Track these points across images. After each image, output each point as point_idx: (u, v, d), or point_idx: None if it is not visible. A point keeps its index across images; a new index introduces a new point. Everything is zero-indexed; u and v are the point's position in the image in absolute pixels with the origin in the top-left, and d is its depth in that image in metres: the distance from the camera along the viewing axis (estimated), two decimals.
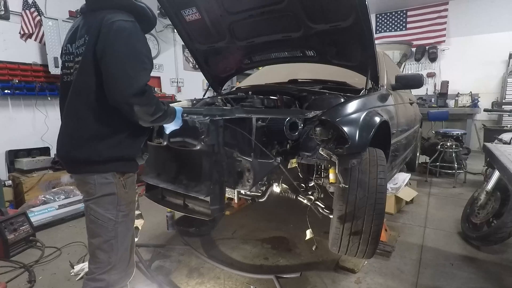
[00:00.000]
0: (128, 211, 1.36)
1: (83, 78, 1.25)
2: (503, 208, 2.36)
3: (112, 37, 1.18)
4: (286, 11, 2.16)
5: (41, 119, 4.16)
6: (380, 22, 7.61)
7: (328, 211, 1.89)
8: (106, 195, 1.29)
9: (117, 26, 1.19)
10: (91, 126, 1.25)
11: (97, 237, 1.32)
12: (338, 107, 1.84)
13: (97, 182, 1.27)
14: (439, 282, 2.07)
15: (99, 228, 1.31)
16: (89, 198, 1.31)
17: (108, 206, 1.30)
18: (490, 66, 6.52)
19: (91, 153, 1.25)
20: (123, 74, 1.17)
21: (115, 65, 1.17)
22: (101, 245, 1.31)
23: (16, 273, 2.24)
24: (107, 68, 1.18)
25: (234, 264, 2.30)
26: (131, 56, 1.19)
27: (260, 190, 2.03)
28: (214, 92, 3.24)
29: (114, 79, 1.17)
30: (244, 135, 1.71)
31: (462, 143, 4.52)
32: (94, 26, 1.22)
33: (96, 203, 1.30)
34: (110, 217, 1.30)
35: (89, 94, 1.24)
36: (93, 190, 1.29)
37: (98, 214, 1.30)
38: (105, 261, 1.31)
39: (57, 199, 3.32)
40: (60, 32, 4.02)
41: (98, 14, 1.24)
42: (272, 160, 1.67)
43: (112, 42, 1.18)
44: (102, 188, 1.28)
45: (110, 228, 1.31)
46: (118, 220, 1.32)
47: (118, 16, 1.21)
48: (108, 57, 1.18)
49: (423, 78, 2.81)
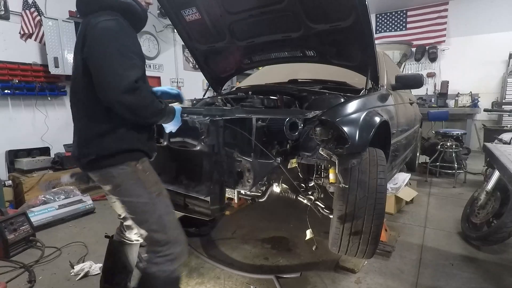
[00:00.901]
0: (159, 190, 1.38)
1: (76, 83, 1.29)
2: (503, 208, 2.36)
3: (97, 38, 1.19)
4: (286, 11, 2.16)
5: (41, 119, 4.16)
6: (380, 22, 7.61)
7: (328, 211, 1.89)
8: (130, 183, 1.30)
9: (100, 27, 1.19)
10: (91, 125, 1.27)
11: (145, 223, 1.33)
12: (338, 107, 1.84)
13: (115, 173, 1.29)
14: (439, 282, 2.07)
15: (142, 215, 1.33)
16: (117, 191, 1.32)
17: (138, 192, 1.31)
18: (490, 66, 6.52)
19: (98, 150, 1.27)
20: (111, 73, 1.16)
21: (102, 64, 1.17)
22: (152, 228, 1.33)
23: (16, 273, 2.24)
24: (95, 69, 1.19)
25: (234, 264, 2.30)
26: (117, 53, 1.18)
27: (260, 190, 2.03)
28: (214, 92, 3.24)
29: (103, 78, 1.17)
30: (244, 135, 1.71)
31: (462, 143, 4.51)
32: (81, 31, 1.25)
33: (126, 195, 1.31)
34: (146, 200, 1.32)
35: (83, 96, 1.27)
36: (117, 181, 1.30)
37: (134, 203, 1.32)
38: (164, 239, 1.34)
39: (57, 199, 3.32)
40: (60, 32, 4.02)
41: (86, 19, 1.26)
42: (272, 160, 1.67)
43: (97, 42, 1.19)
44: (123, 177, 1.29)
45: (151, 210, 1.32)
46: (154, 201, 1.33)
47: (101, 17, 1.22)
48: (95, 58, 1.19)
49: (423, 78, 2.81)
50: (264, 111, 1.92)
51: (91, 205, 3.46)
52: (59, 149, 4.07)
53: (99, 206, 3.63)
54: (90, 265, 2.25)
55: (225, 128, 1.70)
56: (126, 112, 1.21)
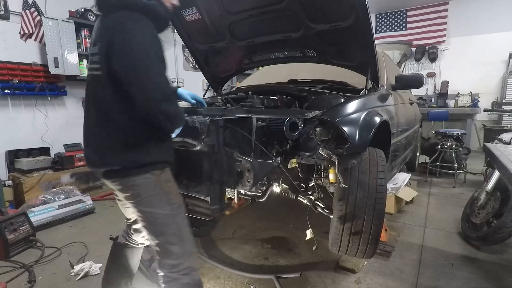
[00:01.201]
0: (179, 202, 1.36)
1: (99, 88, 1.22)
2: (503, 208, 2.36)
3: (128, 45, 1.13)
4: (286, 11, 2.16)
5: (41, 119, 4.16)
6: (380, 22, 7.61)
7: (328, 211, 1.89)
8: (154, 194, 1.28)
9: (131, 32, 1.13)
10: (118, 135, 1.22)
11: (162, 235, 1.31)
12: (338, 107, 1.84)
13: (139, 182, 1.25)
14: (439, 282, 2.07)
15: (162, 226, 1.30)
16: (137, 200, 1.28)
17: (161, 203, 1.29)
18: (490, 66, 6.52)
19: (124, 161, 1.23)
20: (149, 83, 1.13)
21: (138, 75, 1.13)
22: (170, 240, 1.31)
23: (16, 273, 2.24)
24: (130, 79, 1.14)
25: (234, 264, 2.30)
26: (151, 60, 1.15)
27: (260, 190, 2.03)
28: (214, 92, 3.24)
29: (142, 90, 1.13)
30: (244, 135, 1.71)
31: (462, 143, 4.51)
32: (104, 34, 1.19)
33: (149, 205, 1.28)
34: (168, 212, 1.30)
35: (108, 105, 1.21)
36: (138, 191, 1.26)
37: (156, 214, 1.28)
38: (180, 252, 1.32)
39: (57, 199, 3.32)
40: (60, 32, 4.02)
41: (108, 19, 1.19)
42: (272, 160, 1.67)
43: (129, 51, 1.13)
44: (146, 187, 1.26)
45: (171, 222, 1.31)
46: (174, 213, 1.32)
47: (129, 20, 1.15)
48: (129, 67, 1.13)
49: (423, 78, 2.81)
50: (264, 111, 1.92)
51: (91, 205, 3.46)
52: (59, 149, 4.07)
53: (99, 206, 3.63)
54: (90, 265, 2.25)
55: (225, 128, 1.70)
56: (166, 122, 1.20)
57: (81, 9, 4.35)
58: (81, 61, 4.34)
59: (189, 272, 1.33)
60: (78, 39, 4.29)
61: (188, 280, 1.32)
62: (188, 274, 1.33)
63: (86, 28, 4.39)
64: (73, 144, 4.11)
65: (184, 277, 1.32)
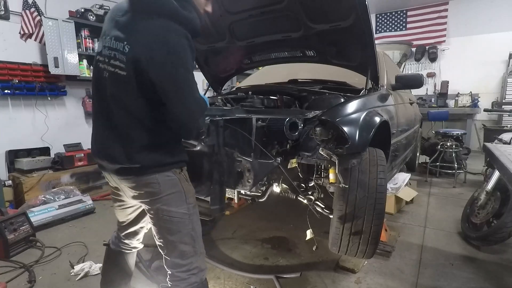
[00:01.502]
0: (195, 202, 1.37)
1: (125, 91, 1.17)
2: (503, 208, 2.36)
3: (170, 62, 1.10)
4: (286, 11, 2.16)
5: (41, 119, 4.16)
6: (380, 22, 7.60)
7: (328, 211, 1.89)
8: (173, 192, 1.28)
9: (173, 49, 1.10)
10: (143, 136, 1.20)
11: (176, 233, 1.31)
12: (338, 107, 1.84)
13: (160, 180, 1.25)
14: (439, 282, 2.07)
15: (177, 225, 1.30)
16: (155, 198, 1.27)
17: (178, 202, 1.29)
18: (490, 66, 6.52)
19: (148, 161, 1.22)
20: (190, 99, 1.16)
21: (181, 91, 1.14)
22: (183, 239, 1.31)
23: (16, 273, 2.24)
24: (170, 96, 1.14)
25: (234, 264, 2.30)
26: (192, 78, 1.16)
27: (260, 190, 2.03)
28: (214, 92, 3.24)
29: (182, 106, 1.16)
30: (244, 135, 1.71)
31: (462, 143, 4.52)
32: (140, 39, 1.12)
33: (167, 203, 1.27)
34: (184, 211, 1.30)
35: (136, 109, 1.18)
36: (158, 189, 1.25)
37: (172, 212, 1.28)
38: (191, 251, 1.33)
39: (57, 199, 3.32)
40: (60, 32, 4.01)
41: (146, 25, 1.13)
42: (272, 160, 1.67)
43: (171, 68, 1.10)
44: (167, 185, 1.26)
45: (187, 221, 1.31)
46: (191, 212, 1.32)
47: (171, 33, 1.11)
48: (170, 83, 1.13)
49: (423, 78, 2.81)
50: (264, 111, 1.92)
51: (91, 205, 3.46)
52: (59, 149, 4.07)
53: (99, 206, 3.64)
54: (90, 265, 2.25)
55: (225, 128, 1.70)
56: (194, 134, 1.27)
57: (81, 9, 4.35)
58: (81, 61, 4.33)
59: (197, 272, 1.34)
60: (78, 39, 4.29)
61: (196, 279, 1.33)
62: (196, 274, 1.34)
63: (86, 28, 4.39)
64: (73, 144, 4.11)
65: (192, 277, 1.33)
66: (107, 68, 1.20)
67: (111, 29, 1.21)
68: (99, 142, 1.30)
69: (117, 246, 1.60)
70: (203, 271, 1.38)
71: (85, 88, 4.65)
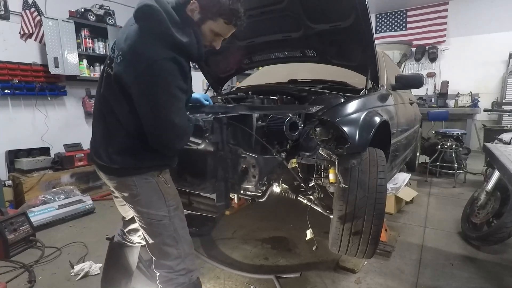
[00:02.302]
0: (177, 204, 1.37)
1: (112, 97, 1.21)
2: (503, 208, 2.36)
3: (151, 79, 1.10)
4: (286, 11, 2.16)
5: (41, 119, 4.16)
6: (380, 22, 7.60)
7: (328, 211, 1.89)
8: (152, 195, 1.29)
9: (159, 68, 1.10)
10: (127, 139, 1.23)
11: (158, 236, 1.32)
12: (338, 107, 1.84)
13: (137, 183, 1.26)
14: (439, 282, 2.07)
15: (158, 227, 1.31)
16: (134, 200, 1.29)
17: (157, 204, 1.30)
18: (490, 66, 6.52)
19: (129, 162, 1.24)
20: (162, 120, 1.14)
21: (153, 109, 1.13)
22: (165, 241, 1.32)
23: (16, 273, 2.24)
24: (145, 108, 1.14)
25: (234, 264, 2.30)
26: (170, 98, 1.14)
27: (260, 190, 2.03)
28: (214, 92, 3.24)
29: (154, 124, 1.15)
30: (246, 132, 1.71)
31: (462, 143, 4.52)
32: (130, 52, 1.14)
33: (146, 206, 1.29)
34: (164, 214, 1.30)
35: (121, 115, 1.20)
36: (136, 191, 1.27)
37: (151, 215, 1.29)
38: (175, 253, 1.33)
39: (57, 199, 3.32)
40: (60, 32, 4.02)
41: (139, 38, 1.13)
42: (277, 156, 1.68)
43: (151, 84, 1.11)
44: (144, 188, 1.27)
45: (167, 224, 1.31)
46: (171, 215, 1.32)
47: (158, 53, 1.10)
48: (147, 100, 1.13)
49: (423, 78, 2.81)
50: (267, 107, 1.92)
51: (91, 205, 3.46)
52: (59, 149, 4.07)
53: (99, 206, 3.64)
54: (90, 265, 2.25)
55: (228, 126, 1.71)
56: (167, 151, 1.25)
57: (81, 9, 4.35)
58: (81, 61, 4.34)
59: (186, 273, 1.34)
60: (78, 39, 4.29)
61: (184, 280, 1.33)
62: (184, 275, 1.33)
63: (86, 28, 4.40)
64: (73, 144, 4.11)
65: (180, 278, 1.33)
66: (106, 69, 1.25)
67: (122, 33, 1.24)
68: (92, 138, 1.36)
69: (121, 239, 1.64)
70: (193, 271, 1.37)
71: (85, 88, 4.66)
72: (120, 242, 1.64)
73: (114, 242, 1.66)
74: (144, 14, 1.13)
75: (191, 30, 1.20)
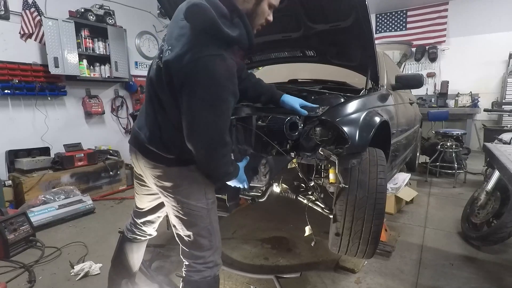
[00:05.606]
0: (214, 198, 1.39)
1: (160, 90, 1.21)
2: (503, 208, 2.36)
3: (195, 78, 1.09)
4: (286, 11, 2.16)
5: (41, 119, 4.16)
6: (380, 22, 7.60)
7: (328, 211, 1.89)
8: (194, 186, 1.31)
9: (203, 66, 1.08)
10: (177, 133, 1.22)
11: (194, 226, 1.33)
12: (338, 107, 1.84)
13: (183, 174, 1.28)
14: (439, 282, 2.07)
15: (195, 218, 1.33)
16: (177, 190, 1.30)
17: (198, 196, 1.32)
18: (490, 66, 6.52)
19: (181, 153, 1.25)
20: (202, 122, 1.12)
21: (195, 111, 1.11)
22: (200, 232, 1.34)
23: (16, 273, 2.25)
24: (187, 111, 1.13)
25: (234, 264, 2.30)
26: (214, 101, 1.12)
27: (260, 190, 2.03)
28: None
29: (193, 127, 1.14)
30: (251, 132, 1.72)
31: (462, 143, 4.51)
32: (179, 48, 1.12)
33: (186, 196, 1.30)
34: (203, 206, 1.32)
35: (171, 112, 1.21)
36: (180, 181, 1.29)
37: (191, 205, 1.31)
38: (207, 245, 1.35)
39: (57, 199, 3.33)
40: (60, 32, 4.02)
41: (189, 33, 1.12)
42: (286, 155, 1.69)
43: (195, 83, 1.09)
44: (188, 179, 1.30)
45: (205, 216, 1.33)
46: (209, 207, 1.35)
47: (208, 49, 1.09)
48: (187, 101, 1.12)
49: (423, 78, 2.81)
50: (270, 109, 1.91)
51: (91, 205, 3.46)
52: (59, 149, 4.07)
53: (99, 206, 3.64)
54: (90, 265, 2.25)
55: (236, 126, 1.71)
56: (202, 161, 1.22)
57: (81, 9, 4.35)
58: (81, 61, 4.33)
59: (213, 267, 1.37)
60: (78, 39, 4.29)
61: (210, 273, 1.36)
62: (211, 268, 1.36)
63: (86, 28, 4.39)
64: (73, 144, 4.11)
65: (207, 271, 1.35)
66: (157, 62, 1.24)
67: (171, 28, 1.24)
68: (142, 123, 1.34)
69: (133, 233, 1.66)
70: (218, 266, 1.39)
71: (85, 88, 4.66)
72: (130, 236, 1.67)
73: (125, 236, 1.70)
74: (193, 13, 1.11)
75: (239, 20, 1.20)
